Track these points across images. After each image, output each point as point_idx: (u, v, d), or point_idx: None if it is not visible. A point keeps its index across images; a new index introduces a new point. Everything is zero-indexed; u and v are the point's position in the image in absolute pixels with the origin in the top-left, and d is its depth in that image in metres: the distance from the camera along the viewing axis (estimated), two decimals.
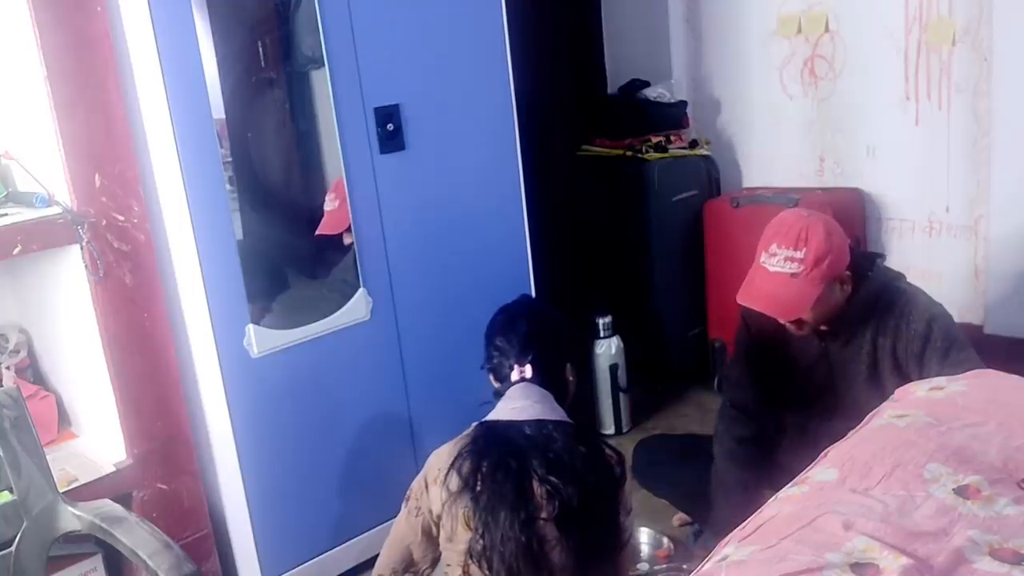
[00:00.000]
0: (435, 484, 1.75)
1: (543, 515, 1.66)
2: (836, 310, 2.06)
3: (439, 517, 1.73)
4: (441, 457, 1.78)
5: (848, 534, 1.20)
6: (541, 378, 1.82)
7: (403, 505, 1.84)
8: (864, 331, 2.10)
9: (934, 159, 3.17)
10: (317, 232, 2.41)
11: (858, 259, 2.11)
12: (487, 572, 1.66)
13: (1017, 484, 1.31)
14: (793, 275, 1.97)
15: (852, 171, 3.40)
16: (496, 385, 1.88)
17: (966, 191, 3.13)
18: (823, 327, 2.11)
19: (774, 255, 2.01)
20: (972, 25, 2.99)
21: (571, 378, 1.92)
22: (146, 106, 2.00)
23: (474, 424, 1.81)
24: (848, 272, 2.04)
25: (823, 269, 1.96)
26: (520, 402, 1.78)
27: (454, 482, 1.71)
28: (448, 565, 1.75)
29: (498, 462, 1.70)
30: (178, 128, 2.03)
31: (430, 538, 1.79)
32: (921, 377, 2.00)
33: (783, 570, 1.14)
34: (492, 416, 1.81)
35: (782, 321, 2.08)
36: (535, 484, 1.68)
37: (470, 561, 1.68)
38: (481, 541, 1.66)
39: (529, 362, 1.82)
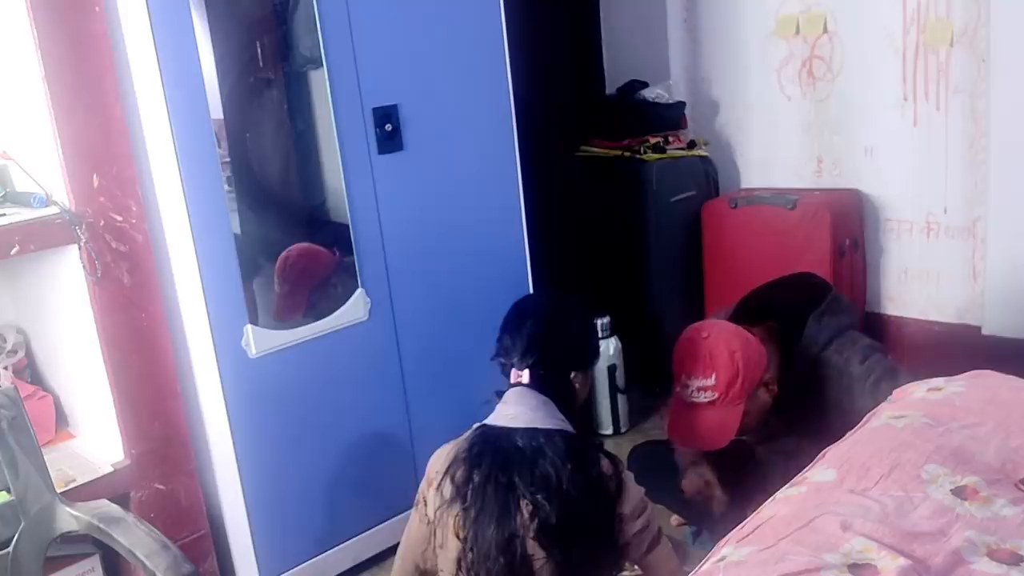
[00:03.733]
0: (431, 487, 1.74)
1: (529, 534, 1.64)
2: (766, 411, 2.05)
3: (433, 522, 1.73)
4: (439, 459, 1.77)
5: (846, 535, 1.21)
6: (541, 384, 1.77)
7: (413, 510, 1.82)
8: (808, 394, 2.05)
9: (932, 160, 3.17)
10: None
11: (781, 344, 2.07)
12: None
13: (1015, 485, 1.32)
14: (711, 403, 1.97)
15: (850, 172, 3.40)
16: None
17: (964, 192, 3.13)
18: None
19: (687, 386, 2.00)
20: (970, 26, 2.99)
21: (577, 385, 1.86)
22: (144, 106, 2.00)
23: (474, 425, 1.79)
24: (769, 373, 2.01)
25: (737, 389, 1.95)
26: (514, 408, 1.74)
27: (447, 489, 1.71)
28: (441, 571, 1.74)
29: (488, 474, 1.68)
30: (176, 128, 2.02)
31: None
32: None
33: (781, 571, 1.14)
34: (490, 419, 1.78)
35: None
36: (522, 501, 1.65)
37: (459, 571, 1.67)
38: (470, 554, 1.65)
39: (529, 367, 1.77)
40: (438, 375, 2.58)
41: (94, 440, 2.14)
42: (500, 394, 1.81)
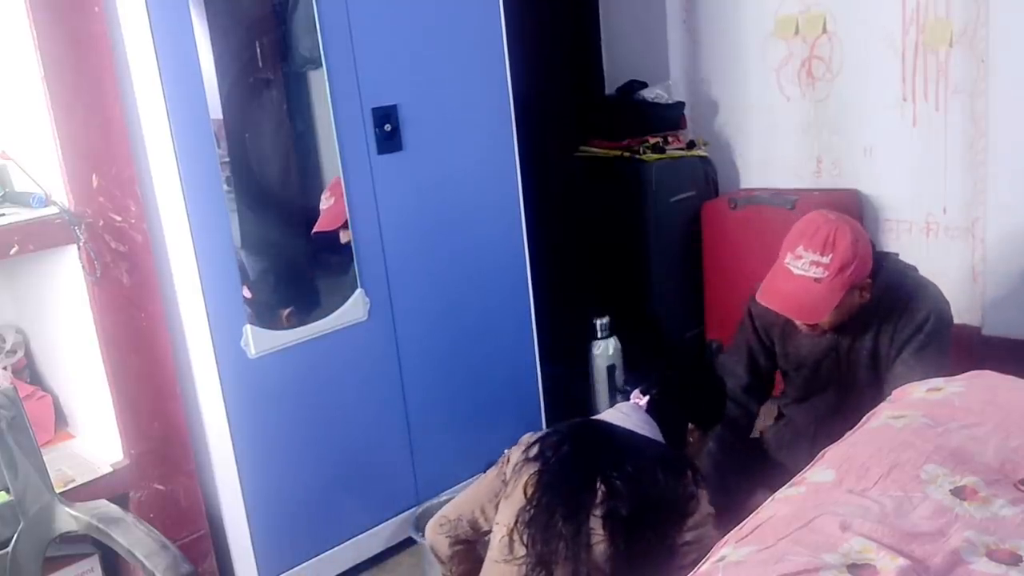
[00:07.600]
0: (520, 449, 1.83)
1: (596, 512, 1.70)
2: (853, 314, 2.08)
3: (509, 479, 1.80)
4: (536, 434, 1.88)
5: (845, 535, 1.21)
6: (658, 414, 1.89)
7: (494, 467, 1.90)
8: (871, 323, 2.12)
9: (931, 160, 3.17)
10: (314, 230, 2.41)
11: (876, 260, 2.13)
12: (526, 542, 1.70)
13: (1014, 485, 1.32)
14: (817, 280, 1.98)
15: (849, 172, 3.40)
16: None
17: (963, 192, 3.13)
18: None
19: (800, 257, 2.01)
20: (969, 26, 2.99)
21: (692, 439, 1.97)
22: (144, 106, 2.00)
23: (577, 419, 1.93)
24: (869, 279, 2.05)
25: (847, 276, 1.98)
26: (623, 415, 1.88)
27: (534, 450, 1.80)
28: (497, 523, 1.80)
29: (578, 450, 1.78)
30: (175, 128, 2.02)
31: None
32: (895, 362, 2.07)
33: (780, 571, 1.14)
34: (597, 417, 1.93)
35: (798, 323, 2.09)
36: (601, 482, 1.72)
37: (516, 526, 1.72)
38: (532, 511, 1.71)
39: (651, 396, 1.90)
40: (437, 375, 2.58)
41: (93, 440, 2.13)
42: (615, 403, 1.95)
